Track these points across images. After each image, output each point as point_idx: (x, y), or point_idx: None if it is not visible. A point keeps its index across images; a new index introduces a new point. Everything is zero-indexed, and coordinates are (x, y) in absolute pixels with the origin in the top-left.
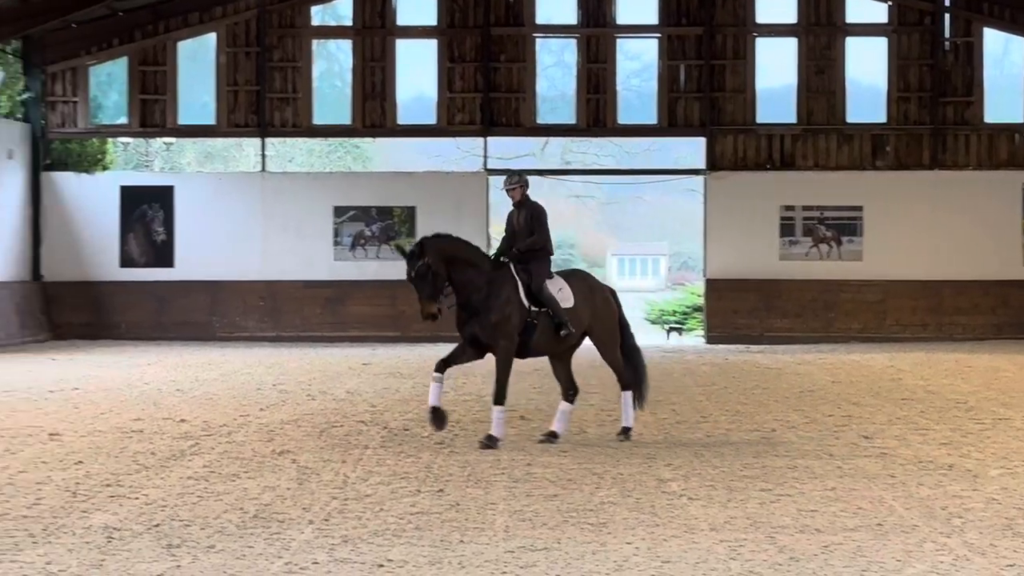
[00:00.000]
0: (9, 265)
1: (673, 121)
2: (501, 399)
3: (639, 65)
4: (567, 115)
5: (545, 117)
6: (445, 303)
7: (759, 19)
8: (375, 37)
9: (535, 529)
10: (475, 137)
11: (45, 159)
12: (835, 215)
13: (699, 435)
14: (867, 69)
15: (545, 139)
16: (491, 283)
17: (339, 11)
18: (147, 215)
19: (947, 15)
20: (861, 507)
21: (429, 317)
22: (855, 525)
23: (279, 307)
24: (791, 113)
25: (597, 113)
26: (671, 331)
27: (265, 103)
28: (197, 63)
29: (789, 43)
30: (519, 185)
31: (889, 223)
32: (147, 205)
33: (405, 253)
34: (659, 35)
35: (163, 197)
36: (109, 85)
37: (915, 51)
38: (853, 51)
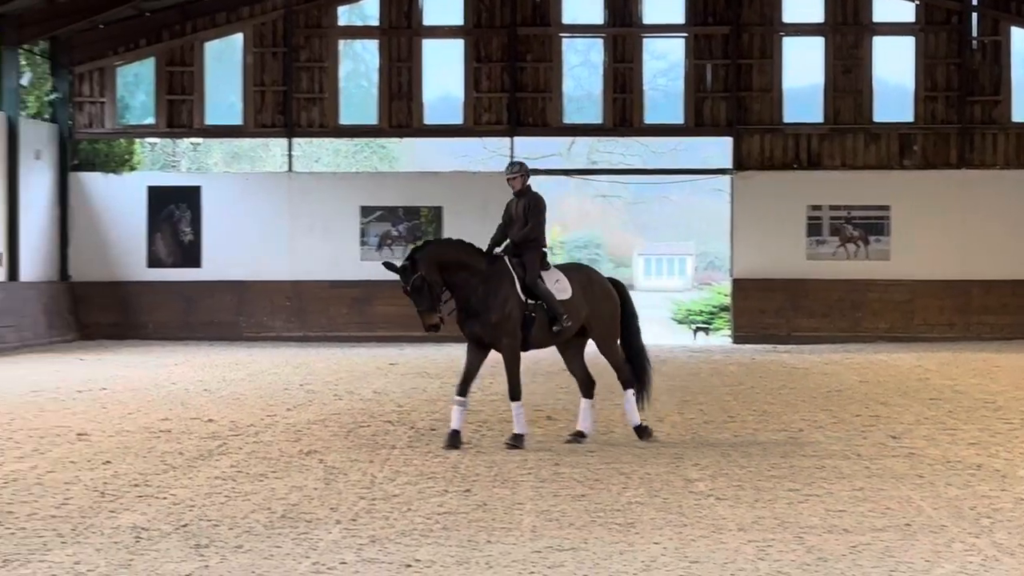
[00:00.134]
0: (37, 265)
1: (700, 121)
2: (517, 395)
3: (666, 64)
4: (593, 115)
5: (571, 117)
6: (445, 310)
7: (786, 18)
8: (401, 37)
9: (562, 529)
10: (501, 137)
11: (73, 159)
12: (862, 215)
13: (726, 435)
14: (894, 68)
15: (571, 139)
16: (487, 282)
17: (365, 11)
18: (174, 215)
19: (974, 14)
20: (889, 507)
21: (431, 328)
22: (883, 525)
23: (306, 307)
24: (818, 112)
25: (623, 113)
26: (698, 331)
27: (292, 103)
28: (224, 63)
29: (816, 42)
30: (520, 174)
31: (916, 222)
32: (174, 205)
33: (397, 269)
34: (686, 34)
35: (190, 197)
36: (136, 85)
37: (942, 50)
38: (880, 50)
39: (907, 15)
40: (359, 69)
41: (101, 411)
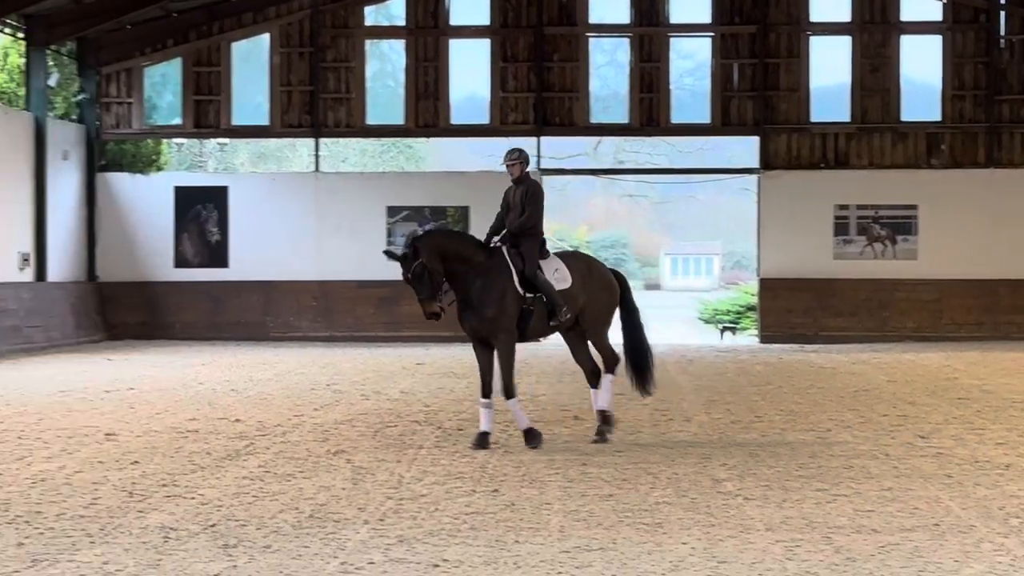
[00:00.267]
0: (65, 266)
1: (726, 120)
2: (511, 392)
3: (692, 64)
4: (620, 114)
5: (598, 116)
6: (446, 300)
7: (813, 17)
8: (428, 37)
9: (590, 529)
10: (528, 137)
11: (100, 160)
12: (890, 214)
13: (754, 435)
14: (922, 67)
15: (598, 139)
16: (485, 275)
17: (392, 11)
18: (201, 215)
19: (1002, 12)
20: (918, 507)
21: (432, 316)
22: (912, 525)
23: (332, 307)
24: (845, 112)
25: (650, 112)
26: (725, 331)
27: (318, 103)
28: (251, 64)
29: (843, 41)
30: (519, 161)
31: (944, 222)
32: (201, 205)
33: (397, 257)
34: (712, 34)
35: (217, 197)
36: (163, 86)
37: (970, 49)
38: (907, 49)
39: (934, 14)
40: (386, 69)
41: (129, 411)
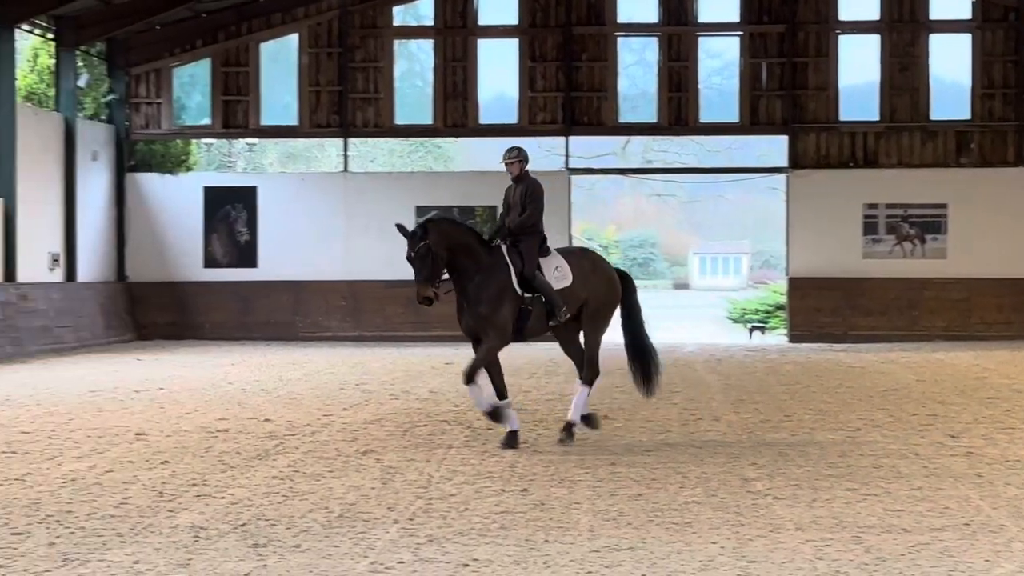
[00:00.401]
0: (94, 266)
1: (755, 119)
2: (471, 378)
3: (720, 63)
4: (648, 114)
5: (626, 116)
6: (442, 288)
7: (842, 16)
8: (456, 37)
9: (620, 529)
10: (557, 136)
11: (129, 160)
12: (919, 213)
13: (783, 434)
14: (951, 66)
15: (626, 138)
16: (484, 273)
17: (420, 11)
18: (230, 215)
19: None
20: (948, 507)
21: (424, 301)
22: (942, 525)
23: (361, 307)
24: (874, 110)
25: (679, 111)
26: (753, 330)
27: (347, 103)
28: (279, 64)
29: (872, 40)
30: (518, 159)
31: (973, 220)
32: (230, 206)
33: (407, 233)
34: (741, 33)
35: (246, 197)
36: (192, 86)
37: (999, 47)
38: (937, 48)
39: (963, 12)
40: (414, 69)
41: (159, 411)
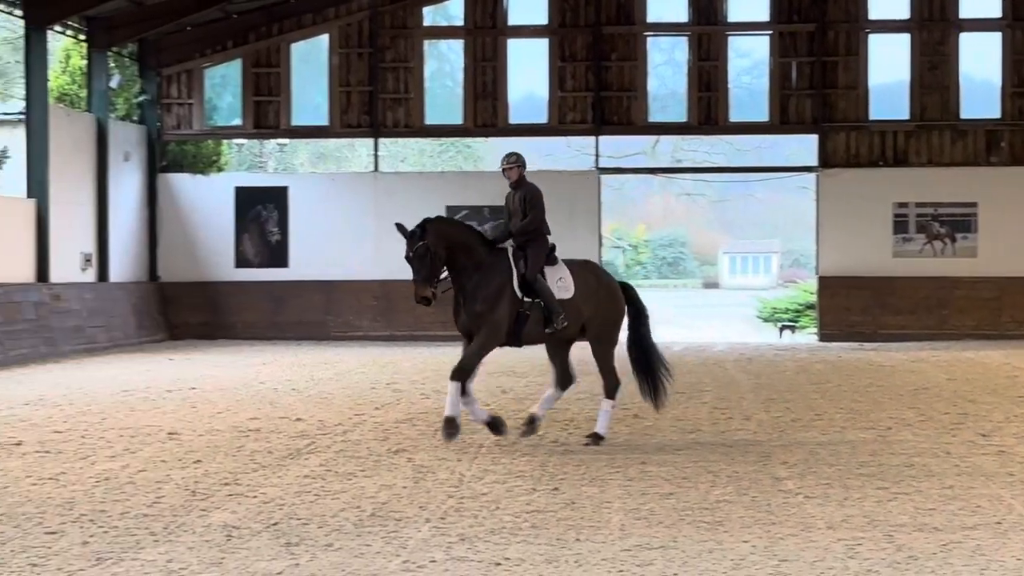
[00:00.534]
0: (126, 266)
1: (785, 118)
2: (460, 376)
3: (750, 62)
4: (678, 113)
5: (656, 115)
6: (439, 288)
7: (871, 15)
8: (486, 37)
9: (651, 528)
10: (586, 136)
11: (161, 161)
12: (949, 212)
13: (814, 433)
14: (981, 64)
15: (656, 137)
16: (484, 272)
17: (450, 11)
18: (261, 215)
19: None
20: (980, 505)
21: (422, 301)
22: (974, 523)
23: (393, 306)
24: (904, 109)
25: (708, 111)
26: (783, 329)
27: (377, 103)
28: (310, 64)
29: (902, 39)
30: (516, 165)
31: (1004, 219)
32: (261, 206)
33: (406, 232)
34: (771, 32)
35: (277, 198)
36: (223, 87)
37: None
38: (967, 46)
39: (994, 10)
40: (444, 69)
41: (191, 410)
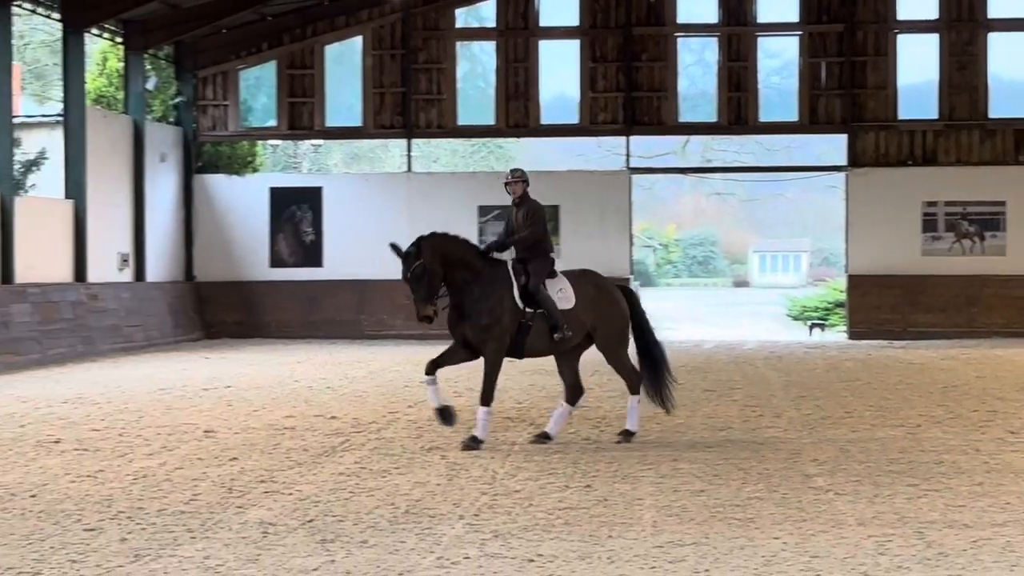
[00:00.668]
0: (163, 266)
1: (814, 118)
2: (488, 400)
3: (780, 63)
4: (708, 113)
5: (686, 115)
6: (440, 304)
7: (900, 16)
8: (518, 38)
9: (683, 524)
10: (617, 136)
11: (197, 162)
12: (978, 210)
13: (844, 430)
14: (1009, 64)
15: (686, 137)
16: (483, 285)
17: (482, 13)
18: (296, 216)
19: None
20: (1009, 502)
21: (424, 319)
22: (1003, 520)
23: None
24: (933, 109)
25: (738, 111)
26: (813, 327)
27: (410, 104)
28: (344, 66)
29: (930, 39)
30: (520, 180)
31: None
32: (296, 206)
33: (401, 253)
34: (800, 33)
35: (311, 198)
36: (258, 88)
37: None
38: (995, 46)
39: (1022, 10)
40: (476, 70)
41: (227, 408)
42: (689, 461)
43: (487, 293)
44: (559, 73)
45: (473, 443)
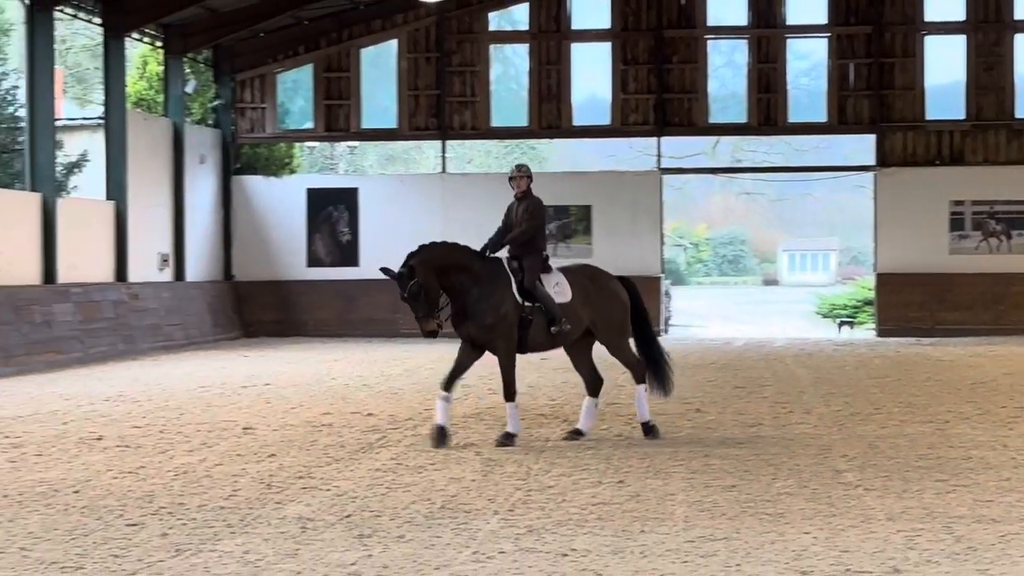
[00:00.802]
0: (202, 266)
1: (843, 119)
2: (511, 396)
3: (808, 64)
4: (738, 114)
5: (716, 116)
6: (443, 315)
7: (927, 17)
8: (551, 41)
9: (714, 519)
10: (649, 137)
11: (235, 163)
12: (1005, 209)
13: (873, 427)
14: None
15: (716, 138)
16: (483, 284)
17: (515, 16)
18: (332, 216)
19: None
20: None
21: (429, 334)
22: None
23: None
24: (960, 109)
25: (768, 112)
26: (842, 325)
27: (445, 106)
28: (379, 69)
29: (958, 40)
30: (525, 176)
31: None
32: (332, 206)
33: (394, 276)
34: (828, 34)
35: (348, 199)
36: (295, 91)
37: None
38: (1022, 47)
39: None
40: (509, 72)
41: (265, 406)
42: (720, 457)
43: (487, 292)
44: (591, 75)
45: (507, 439)
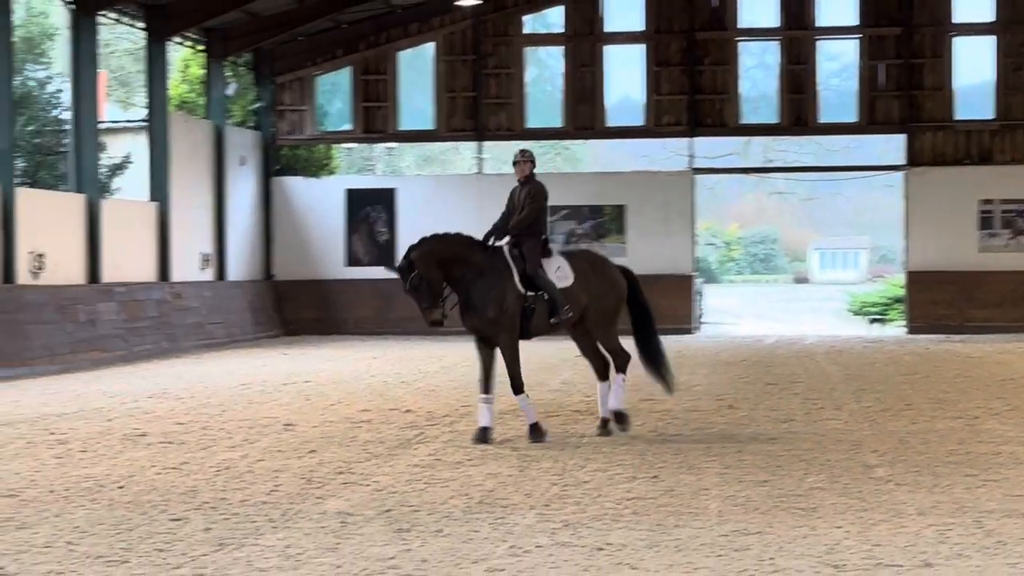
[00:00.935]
0: (243, 265)
1: (873, 119)
2: (519, 388)
3: (839, 65)
4: (769, 115)
5: (748, 117)
6: (448, 305)
7: (956, 19)
8: (585, 43)
9: (747, 514)
10: (681, 137)
11: (275, 165)
12: None
13: (903, 422)
14: None
15: (748, 138)
16: (485, 276)
17: (549, 19)
18: (371, 216)
19: None
20: None
21: (434, 324)
22: None
23: None
24: (989, 109)
25: (798, 112)
26: (873, 322)
27: (481, 108)
28: (416, 71)
29: (987, 41)
30: (528, 160)
31: None
32: (370, 207)
33: (396, 269)
34: (859, 36)
35: (386, 199)
36: (333, 94)
37: None
38: None
39: None
40: (544, 74)
41: (305, 403)
42: (753, 452)
43: (489, 284)
44: (624, 77)
45: (538, 434)
